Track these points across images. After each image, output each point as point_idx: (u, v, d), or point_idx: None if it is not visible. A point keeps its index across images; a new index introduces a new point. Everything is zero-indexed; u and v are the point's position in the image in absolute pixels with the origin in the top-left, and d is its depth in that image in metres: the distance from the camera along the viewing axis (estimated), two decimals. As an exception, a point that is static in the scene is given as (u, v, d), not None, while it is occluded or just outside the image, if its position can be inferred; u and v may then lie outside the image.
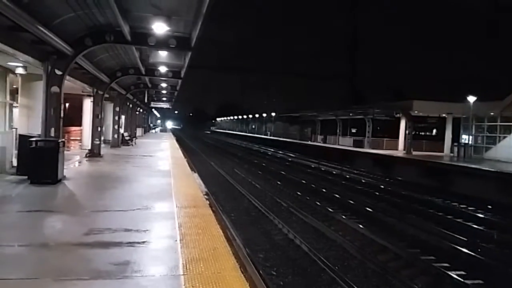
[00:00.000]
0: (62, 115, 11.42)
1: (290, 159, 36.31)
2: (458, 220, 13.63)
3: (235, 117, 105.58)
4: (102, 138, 19.77)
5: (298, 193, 17.64)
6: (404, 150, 31.84)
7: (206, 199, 9.72)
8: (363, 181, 22.82)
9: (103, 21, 10.68)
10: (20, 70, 12.16)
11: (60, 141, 10.81)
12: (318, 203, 15.43)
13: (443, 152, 32.41)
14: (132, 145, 27.26)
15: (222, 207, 14.46)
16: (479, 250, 10.14)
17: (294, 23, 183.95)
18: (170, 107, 60.69)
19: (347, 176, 24.73)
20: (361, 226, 12.23)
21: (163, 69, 17.86)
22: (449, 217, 14.00)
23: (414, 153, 30.36)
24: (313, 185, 19.84)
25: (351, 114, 42.29)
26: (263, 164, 30.31)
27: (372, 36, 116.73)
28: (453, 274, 8.54)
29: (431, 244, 10.62)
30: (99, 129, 18.50)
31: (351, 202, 15.67)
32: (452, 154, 29.51)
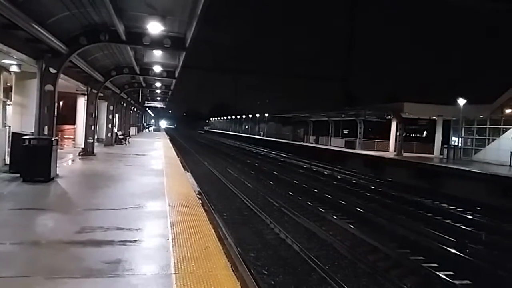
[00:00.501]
0: (55, 113, 11.42)
1: (282, 159, 36.43)
2: (447, 221, 13.80)
3: (229, 117, 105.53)
4: (96, 137, 19.74)
5: (290, 193, 17.74)
6: (395, 151, 32.07)
7: (199, 198, 9.77)
8: (354, 181, 22.98)
9: (98, 20, 10.70)
10: (14, 68, 12.15)
11: (53, 139, 10.80)
12: (309, 203, 15.54)
13: (433, 154, 32.74)
14: (126, 144, 27.19)
15: (215, 206, 14.51)
16: (467, 250, 10.28)
17: (290, 24, 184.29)
18: (164, 107, 60.54)
19: (339, 177, 24.90)
20: (351, 226, 12.35)
21: (157, 68, 17.88)
22: (438, 218, 14.16)
23: (404, 154, 30.61)
24: (305, 185, 19.96)
25: (343, 116, 42.53)
26: (256, 164, 30.39)
27: (369, 38, 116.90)
28: (441, 274, 8.67)
29: (421, 245, 10.75)
30: (92, 127, 18.47)
31: (342, 202, 15.80)
32: (442, 156, 29.82)
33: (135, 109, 46.84)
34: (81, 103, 21.14)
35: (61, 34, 10.35)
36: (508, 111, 26.28)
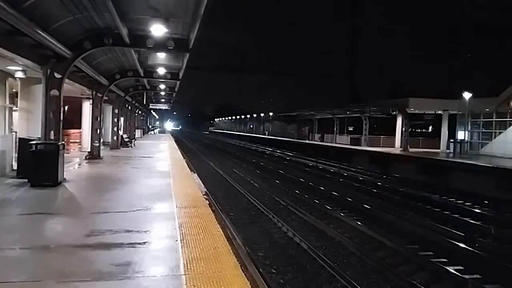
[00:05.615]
0: (61, 118, 11.49)
1: (288, 158, 36.41)
2: (455, 215, 13.73)
3: (233, 117, 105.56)
4: (102, 140, 19.81)
5: (297, 191, 17.73)
6: (401, 147, 31.95)
7: (206, 199, 9.79)
8: (361, 178, 22.93)
9: (101, 24, 10.76)
10: (19, 74, 12.24)
11: (59, 144, 10.86)
12: (316, 201, 15.53)
13: (439, 148, 32.58)
14: (132, 146, 27.30)
15: (222, 206, 14.53)
16: (476, 245, 10.24)
17: (293, 23, 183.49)
18: (169, 109, 60.68)
19: (345, 174, 24.85)
20: (359, 223, 12.33)
21: (161, 70, 17.90)
22: (446, 212, 14.11)
23: (410, 150, 30.50)
24: (311, 183, 19.94)
25: (348, 113, 42.34)
26: (261, 163, 30.39)
27: (369, 35, 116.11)
28: (451, 269, 8.64)
29: (429, 240, 10.72)
30: (98, 131, 18.55)
31: (349, 199, 15.77)
32: (448, 151, 29.63)
33: (140, 112, 46.98)
34: (86, 107, 21.26)
35: (65, 39, 10.40)
36: (514, 103, 26.09)
